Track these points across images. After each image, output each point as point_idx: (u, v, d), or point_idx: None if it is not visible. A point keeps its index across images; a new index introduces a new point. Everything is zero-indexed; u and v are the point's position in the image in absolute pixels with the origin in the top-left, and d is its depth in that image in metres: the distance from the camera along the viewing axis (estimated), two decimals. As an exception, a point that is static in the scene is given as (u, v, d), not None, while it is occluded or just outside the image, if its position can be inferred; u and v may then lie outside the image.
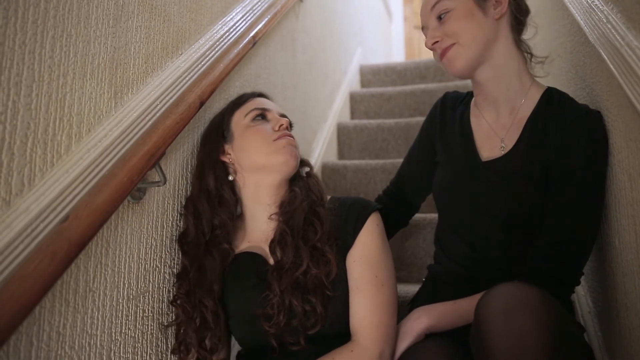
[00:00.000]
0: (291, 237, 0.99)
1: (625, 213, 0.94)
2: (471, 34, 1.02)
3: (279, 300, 0.95)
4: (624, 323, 0.97)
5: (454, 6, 1.03)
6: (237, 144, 1.07)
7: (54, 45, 0.73)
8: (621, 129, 0.95)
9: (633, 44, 0.84)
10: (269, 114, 1.09)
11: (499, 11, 1.04)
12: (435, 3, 1.05)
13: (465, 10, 1.03)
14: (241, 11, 1.39)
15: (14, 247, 0.62)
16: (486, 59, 1.05)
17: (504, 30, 1.06)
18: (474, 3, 1.03)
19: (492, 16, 1.04)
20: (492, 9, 1.04)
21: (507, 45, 1.06)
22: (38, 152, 0.69)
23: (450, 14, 1.03)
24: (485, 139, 1.10)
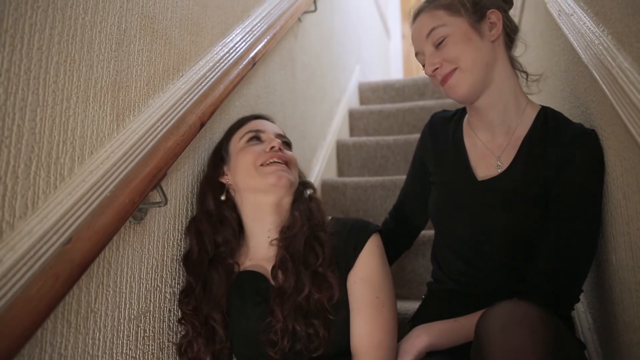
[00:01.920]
0: (292, 262, 1.00)
1: (621, 230, 0.95)
2: (471, 58, 1.01)
3: (282, 326, 0.96)
4: (624, 340, 0.98)
5: (450, 32, 1.02)
6: (232, 166, 1.10)
7: (58, 70, 0.75)
8: (615, 147, 0.96)
9: (624, 66, 0.86)
10: (264, 135, 1.11)
11: (495, 33, 1.04)
12: (430, 31, 1.04)
13: (462, 35, 1.02)
14: (241, 32, 1.41)
15: (17, 269, 0.63)
16: (488, 83, 1.04)
17: (500, 51, 1.06)
18: (470, 27, 1.02)
19: (489, 39, 1.03)
20: (488, 31, 1.04)
21: (504, 67, 1.06)
22: (41, 175, 0.71)
23: (447, 39, 1.02)
24: (480, 159, 1.10)
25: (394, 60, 5.21)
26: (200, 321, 1.00)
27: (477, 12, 1.03)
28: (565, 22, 1.28)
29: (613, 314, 1.04)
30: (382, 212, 1.92)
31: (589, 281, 1.26)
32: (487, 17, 1.03)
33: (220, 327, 1.00)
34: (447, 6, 1.03)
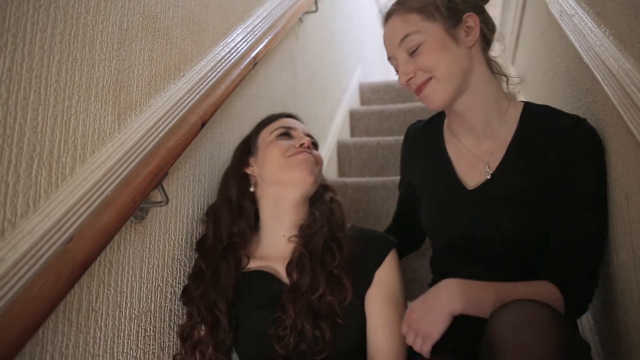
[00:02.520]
0: (309, 260, 1.00)
1: (622, 231, 0.95)
2: (447, 67, 0.96)
3: (292, 322, 0.96)
4: (625, 341, 0.97)
5: (424, 39, 0.96)
6: (259, 158, 1.12)
7: (60, 69, 0.75)
8: (617, 148, 0.96)
9: (625, 66, 0.86)
10: (294, 133, 1.14)
11: (472, 38, 0.98)
12: (403, 37, 0.97)
13: (436, 42, 0.95)
14: (242, 32, 1.41)
15: (19, 268, 0.63)
16: (464, 89, 0.99)
17: (477, 56, 1.00)
18: (445, 33, 0.96)
19: (465, 44, 0.98)
20: (464, 36, 0.97)
21: (482, 72, 1.01)
22: (43, 174, 0.71)
23: (421, 47, 0.96)
24: (468, 167, 1.05)
25: (394, 60, 5.20)
26: (206, 307, 1.00)
27: (453, 17, 0.97)
28: (567, 22, 1.28)
29: (614, 315, 1.04)
30: (383, 213, 1.92)
31: (590, 282, 1.26)
32: (463, 22, 0.97)
33: (224, 318, 1.00)
34: (421, 10, 0.97)
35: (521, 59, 2.52)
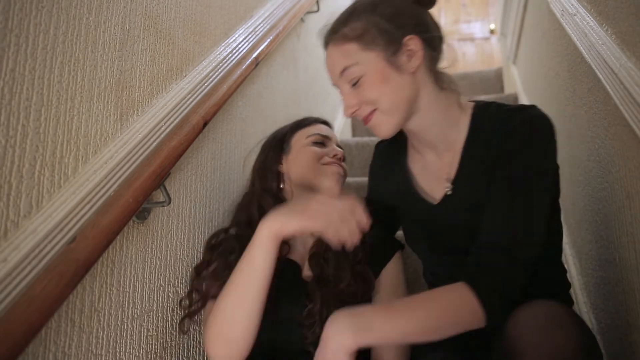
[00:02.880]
0: (333, 252, 1.02)
1: (624, 231, 0.95)
2: (390, 99, 0.90)
3: (319, 311, 0.97)
4: (628, 341, 0.97)
5: (365, 71, 0.89)
6: (292, 157, 1.14)
7: (63, 70, 0.75)
8: (619, 147, 0.96)
9: (627, 65, 0.86)
10: (328, 142, 1.16)
11: (415, 62, 0.90)
12: (342, 70, 0.91)
13: (377, 74, 0.89)
14: (244, 33, 1.41)
15: (22, 268, 0.63)
16: (412, 113, 0.94)
17: (423, 78, 0.92)
18: (385, 62, 0.89)
19: (408, 70, 0.90)
20: (407, 61, 0.90)
21: (429, 92, 0.93)
22: (46, 174, 0.71)
23: (362, 79, 0.90)
24: (433, 181, 1.01)
25: (396, 60, 5.21)
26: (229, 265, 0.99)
27: (392, 43, 0.89)
28: (569, 21, 1.28)
29: (617, 314, 1.04)
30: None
31: (592, 282, 1.26)
32: (404, 46, 0.90)
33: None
34: (358, 38, 0.90)
35: (523, 59, 2.51)
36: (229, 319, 0.88)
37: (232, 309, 0.88)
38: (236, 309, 0.87)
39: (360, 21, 0.90)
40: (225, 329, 0.88)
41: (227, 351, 0.88)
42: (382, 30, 0.89)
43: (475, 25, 5.44)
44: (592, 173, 1.20)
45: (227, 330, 0.87)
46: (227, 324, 0.87)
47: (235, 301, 0.88)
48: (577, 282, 1.39)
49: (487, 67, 4.31)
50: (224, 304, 0.88)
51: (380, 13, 0.90)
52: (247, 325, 0.87)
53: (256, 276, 0.87)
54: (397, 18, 0.91)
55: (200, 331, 1.12)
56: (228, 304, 0.88)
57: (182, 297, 1.05)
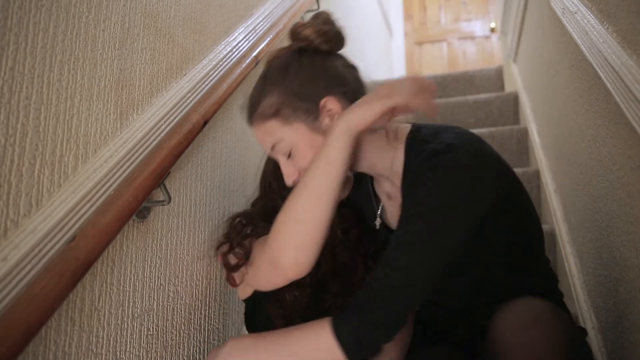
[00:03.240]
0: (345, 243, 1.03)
1: (625, 230, 0.95)
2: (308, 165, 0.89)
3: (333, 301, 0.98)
4: (628, 340, 0.97)
5: (293, 143, 0.90)
6: None
7: (62, 69, 0.75)
8: (620, 146, 0.96)
9: (628, 63, 0.85)
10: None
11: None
12: (272, 146, 0.92)
13: (305, 144, 0.89)
14: (244, 31, 1.41)
15: (21, 267, 0.63)
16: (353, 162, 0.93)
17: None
18: (310, 131, 0.89)
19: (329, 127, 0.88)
20: (330, 123, 0.89)
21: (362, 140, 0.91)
22: (45, 173, 0.71)
23: (293, 151, 0.90)
24: (394, 207, 0.99)
25: (396, 58, 5.21)
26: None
27: (311, 111, 0.89)
28: (569, 20, 1.27)
29: (617, 313, 1.04)
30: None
31: (593, 280, 1.26)
32: (322, 109, 0.89)
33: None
34: (276, 114, 0.89)
35: (523, 57, 2.51)
36: (300, 223, 0.84)
37: (304, 213, 0.84)
38: (308, 212, 0.84)
39: (273, 96, 0.90)
40: (296, 234, 0.84)
41: (295, 258, 0.84)
42: (297, 101, 0.89)
43: (475, 24, 5.43)
44: (592, 171, 1.20)
45: (297, 236, 0.84)
46: (299, 229, 0.84)
47: (307, 204, 0.84)
48: (578, 281, 1.39)
49: (488, 66, 4.30)
50: (295, 208, 0.85)
51: (291, 82, 0.90)
52: (319, 230, 0.84)
53: (331, 175, 0.84)
54: (308, 83, 0.90)
55: (196, 327, 1.12)
56: (299, 207, 0.84)
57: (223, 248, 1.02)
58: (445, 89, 3.13)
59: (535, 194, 2.07)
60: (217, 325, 1.19)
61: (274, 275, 0.89)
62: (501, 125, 2.67)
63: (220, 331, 1.20)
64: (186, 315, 1.07)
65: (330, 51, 0.95)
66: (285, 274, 0.87)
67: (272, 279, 0.91)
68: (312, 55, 0.93)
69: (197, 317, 1.11)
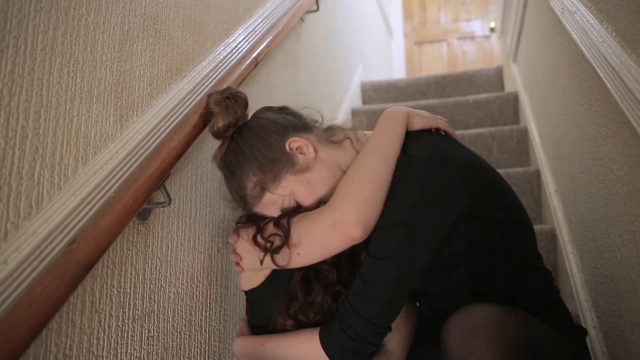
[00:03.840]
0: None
1: (626, 229, 0.94)
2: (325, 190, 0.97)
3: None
4: (630, 339, 0.97)
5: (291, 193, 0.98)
6: None
7: (62, 71, 0.75)
8: (620, 145, 0.96)
9: (628, 63, 0.85)
10: None
11: (310, 154, 0.98)
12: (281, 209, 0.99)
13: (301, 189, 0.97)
14: (243, 32, 1.41)
15: (22, 269, 0.63)
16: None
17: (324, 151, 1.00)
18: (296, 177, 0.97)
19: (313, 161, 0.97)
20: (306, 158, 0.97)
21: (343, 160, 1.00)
22: (46, 176, 0.71)
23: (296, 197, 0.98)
24: None
25: (396, 58, 5.21)
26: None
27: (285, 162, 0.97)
28: (569, 19, 1.27)
29: (618, 313, 1.04)
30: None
31: (594, 280, 1.26)
32: (292, 153, 0.97)
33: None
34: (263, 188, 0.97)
35: (523, 57, 2.51)
36: (376, 185, 0.89)
37: (378, 174, 0.90)
38: (381, 173, 0.90)
39: (250, 178, 0.97)
40: (372, 195, 0.88)
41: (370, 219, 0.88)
42: (271, 166, 0.96)
43: (475, 24, 5.44)
44: (593, 171, 1.20)
45: (373, 196, 0.88)
46: (375, 190, 0.89)
47: (380, 166, 0.90)
48: (579, 280, 1.39)
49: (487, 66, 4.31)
50: (365, 189, 0.89)
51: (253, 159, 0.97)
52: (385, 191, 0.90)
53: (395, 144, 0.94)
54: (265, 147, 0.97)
55: (197, 329, 1.12)
56: (368, 188, 0.89)
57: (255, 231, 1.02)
58: (445, 89, 3.14)
59: (536, 194, 2.07)
60: (217, 326, 1.19)
61: (335, 236, 0.90)
62: (501, 125, 2.67)
63: (221, 332, 1.20)
64: (187, 316, 1.07)
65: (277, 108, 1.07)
66: (349, 232, 0.88)
67: (330, 240, 0.91)
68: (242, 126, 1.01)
69: (198, 319, 1.11)
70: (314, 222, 0.93)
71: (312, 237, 0.92)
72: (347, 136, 1.03)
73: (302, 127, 1.02)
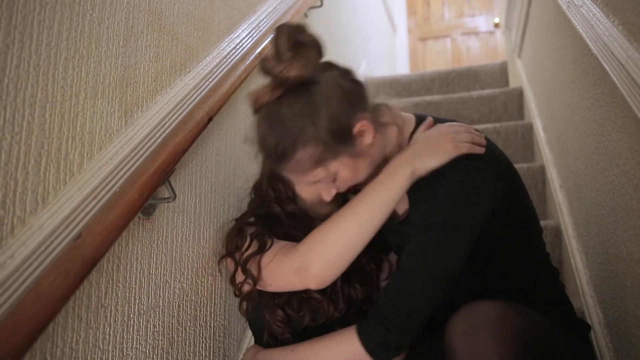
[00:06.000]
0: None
1: (631, 224, 0.94)
2: (363, 175, 0.93)
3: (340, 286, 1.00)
4: (636, 335, 0.97)
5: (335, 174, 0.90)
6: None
7: (67, 67, 0.75)
8: (626, 140, 0.96)
9: (634, 56, 0.85)
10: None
11: (369, 139, 0.89)
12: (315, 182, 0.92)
13: (349, 171, 0.90)
14: (247, 28, 1.41)
15: (28, 264, 0.63)
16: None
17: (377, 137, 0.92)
18: (350, 159, 0.89)
19: (368, 146, 0.90)
20: (364, 142, 0.89)
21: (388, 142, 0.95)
22: (51, 171, 0.71)
23: (335, 177, 0.91)
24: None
25: (400, 54, 5.19)
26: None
27: (348, 143, 0.88)
28: (575, 13, 1.27)
29: (624, 308, 1.03)
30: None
31: (599, 275, 1.25)
32: (356, 136, 0.88)
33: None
34: (316, 164, 0.87)
35: (528, 52, 2.50)
36: (345, 250, 0.89)
37: (349, 241, 0.89)
38: (352, 241, 0.89)
39: (307, 148, 0.85)
40: (337, 258, 0.89)
41: (323, 272, 0.90)
42: (334, 143, 0.86)
43: (479, 19, 5.41)
44: (598, 166, 1.19)
45: (338, 260, 0.90)
46: (342, 254, 0.89)
47: (355, 233, 0.89)
48: (584, 276, 1.39)
49: (492, 61, 4.29)
50: (342, 235, 0.89)
51: (319, 129, 0.85)
52: (353, 255, 0.90)
53: (385, 212, 0.89)
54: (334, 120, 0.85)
55: (202, 324, 1.12)
56: (347, 235, 0.89)
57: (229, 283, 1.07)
58: (449, 85, 3.12)
59: (541, 189, 2.06)
60: (222, 321, 1.19)
61: (295, 281, 0.94)
62: (506, 121, 2.66)
63: (225, 327, 1.21)
64: (192, 311, 1.07)
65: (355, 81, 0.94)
66: (307, 283, 0.92)
67: (291, 283, 0.96)
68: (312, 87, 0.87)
69: (203, 314, 1.11)
70: (280, 264, 0.96)
71: (277, 278, 0.97)
72: (395, 121, 0.95)
73: (365, 102, 0.91)
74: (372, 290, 1.04)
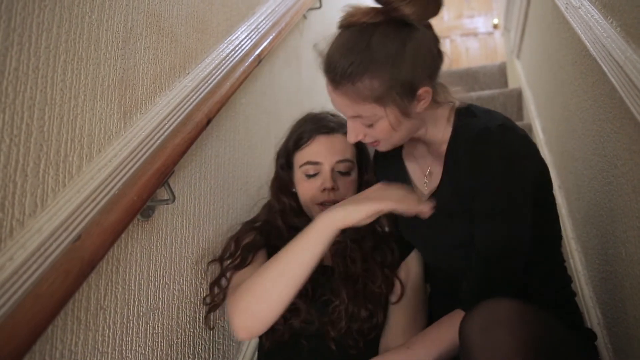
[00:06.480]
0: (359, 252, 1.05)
1: (631, 225, 0.94)
2: (397, 139, 0.93)
3: (345, 307, 0.99)
4: (635, 335, 0.97)
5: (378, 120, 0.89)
6: (295, 183, 1.13)
7: (66, 69, 0.75)
8: (625, 141, 0.96)
9: (633, 58, 0.85)
10: (322, 168, 1.08)
11: (422, 107, 0.90)
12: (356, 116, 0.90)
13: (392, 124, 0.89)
14: (246, 30, 1.41)
15: (27, 266, 0.63)
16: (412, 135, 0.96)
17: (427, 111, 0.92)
18: (399, 114, 0.88)
19: (417, 113, 0.90)
20: (417, 107, 0.89)
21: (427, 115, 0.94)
22: (50, 173, 0.71)
23: (374, 124, 0.90)
24: (419, 180, 1.04)
25: (399, 56, 5.19)
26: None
27: (409, 99, 0.88)
28: (573, 14, 1.27)
29: (623, 309, 1.03)
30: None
31: (598, 276, 1.25)
32: (417, 97, 0.88)
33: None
34: (376, 100, 0.87)
35: (527, 53, 2.50)
36: (264, 296, 0.88)
37: (271, 288, 0.88)
38: (275, 288, 0.88)
39: (376, 80, 0.85)
40: (257, 305, 0.88)
41: (250, 325, 0.89)
42: (400, 91, 0.86)
43: (478, 20, 5.41)
44: (597, 167, 1.19)
45: (258, 307, 0.88)
46: (261, 301, 0.88)
47: (276, 281, 0.88)
48: (583, 277, 1.39)
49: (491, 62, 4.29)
50: (263, 281, 0.88)
51: (398, 71, 0.85)
52: (280, 306, 0.88)
53: (306, 262, 0.87)
54: (413, 71, 0.86)
55: (201, 326, 1.12)
56: (268, 282, 0.88)
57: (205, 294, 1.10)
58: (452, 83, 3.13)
59: (540, 190, 2.06)
60: (222, 323, 1.19)
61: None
62: (505, 122, 2.66)
63: (225, 329, 1.21)
64: (191, 313, 1.07)
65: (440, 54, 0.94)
66: (236, 333, 0.92)
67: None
68: (412, 34, 0.87)
69: (202, 316, 1.11)
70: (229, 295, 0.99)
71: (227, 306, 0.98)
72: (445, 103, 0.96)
73: (437, 74, 0.93)
74: (377, 310, 1.01)
